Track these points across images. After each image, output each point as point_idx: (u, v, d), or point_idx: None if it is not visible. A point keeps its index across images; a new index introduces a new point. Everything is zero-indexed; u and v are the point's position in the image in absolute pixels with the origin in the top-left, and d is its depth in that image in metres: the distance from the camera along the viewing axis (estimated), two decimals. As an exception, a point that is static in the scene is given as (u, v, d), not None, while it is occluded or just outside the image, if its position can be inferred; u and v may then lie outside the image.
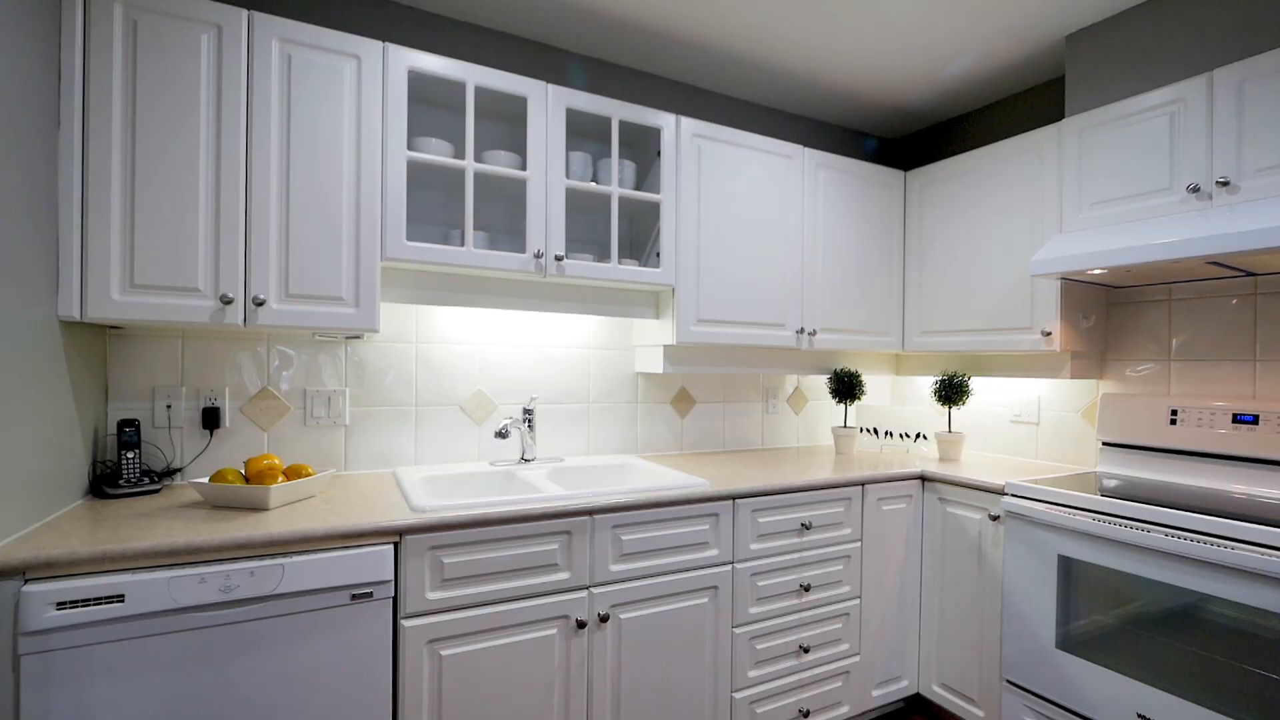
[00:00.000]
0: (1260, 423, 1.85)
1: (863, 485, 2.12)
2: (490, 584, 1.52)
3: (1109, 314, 2.29)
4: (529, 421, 2.12)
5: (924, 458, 2.50)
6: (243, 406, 1.84)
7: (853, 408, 2.96)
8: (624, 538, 1.68)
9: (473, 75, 1.82)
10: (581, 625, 1.60)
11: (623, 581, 1.69)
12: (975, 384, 2.74)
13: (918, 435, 2.64)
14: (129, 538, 1.22)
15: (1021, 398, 2.55)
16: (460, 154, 2.03)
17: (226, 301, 1.51)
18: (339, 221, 1.65)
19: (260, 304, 1.55)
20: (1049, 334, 2.14)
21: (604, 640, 1.66)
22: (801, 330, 2.40)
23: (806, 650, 1.99)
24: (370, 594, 1.37)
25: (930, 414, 2.62)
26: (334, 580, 1.33)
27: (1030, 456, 2.52)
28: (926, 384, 2.97)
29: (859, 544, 2.11)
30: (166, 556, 1.21)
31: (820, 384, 2.93)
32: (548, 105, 1.92)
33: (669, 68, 2.44)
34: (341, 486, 1.76)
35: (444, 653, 1.46)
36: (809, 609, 2.00)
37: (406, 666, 1.43)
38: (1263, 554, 1.43)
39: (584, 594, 1.63)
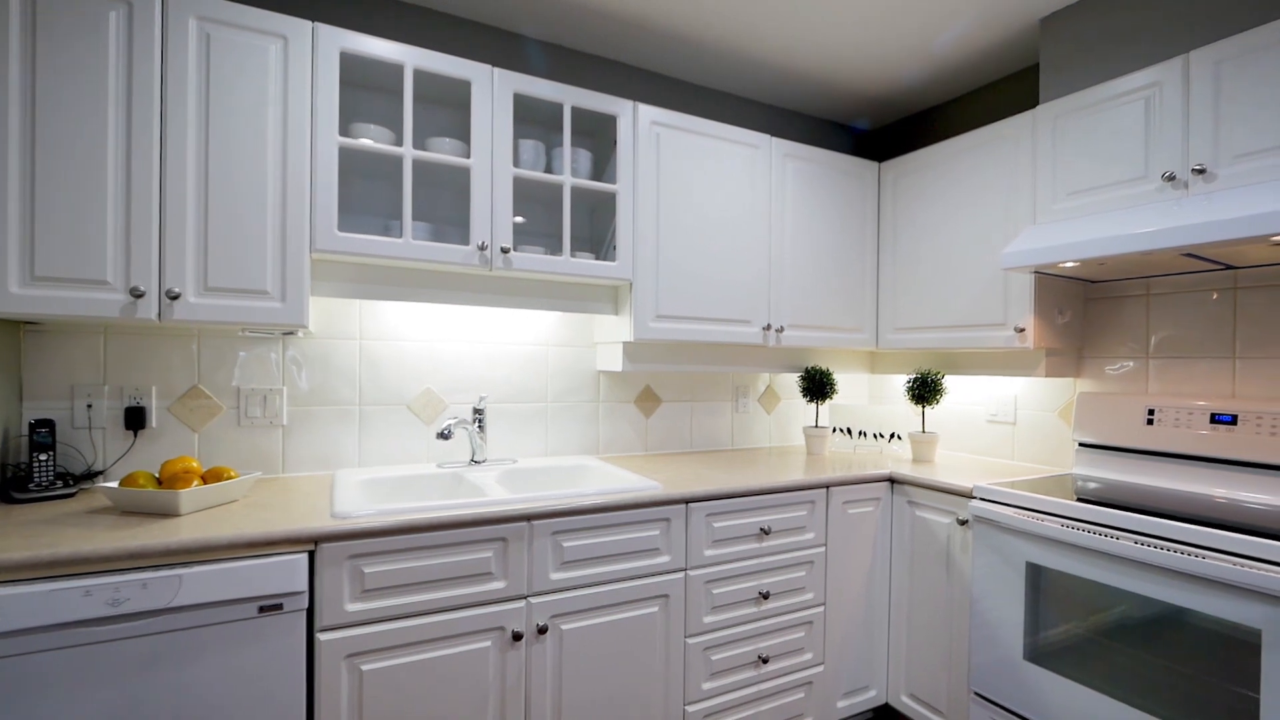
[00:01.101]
0: (1239, 423, 1.76)
1: (827, 488, 2.03)
2: (416, 594, 1.43)
3: (1086, 309, 2.20)
4: (479, 422, 2.04)
5: (897, 459, 2.41)
6: (170, 406, 1.75)
7: (826, 407, 2.88)
8: (565, 544, 1.60)
9: (411, 58, 1.73)
10: (518, 637, 1.52)
11: (564, 591, 1.60)
12: (951, 383, 2.65)
13: (892, 435, 2.55)
14: (7, 547, 1.14)
15: (998, 396, 2.46)
16: (401, 141, 1.94)
17: (138, 295, 1.43)
18: (263, 211, 1.56)
19: (175, 297, 1.46)
20: (1022, 330, 2.05)
21: (543, 653, 1.57)
22: (769, 327, 2.31)
23: (765, 661, 1.90)
24: (280, 606, 1.29)
25: (907, 414, 2.53)
26: (239, 592, 1.25)
27: (1007, 458, 2.43)
28: (902, 382, 2.88)
29: (823, 549, 2.03)
30: (48, 568, 1.12)
31: (793, 383, 2.84)
32: (493, 90, 1.83)
33: (629, 53, 2.35)
34: (272, 490, 1.67)
35: (365, 668, 1.38)
36: (769, 617, 1.92)
37: (323, 683, 1.34)
38: (1235, 564, 1.34)
39: (521, 604, 1.55)
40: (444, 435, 1.84)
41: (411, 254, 1.73)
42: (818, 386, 2.50)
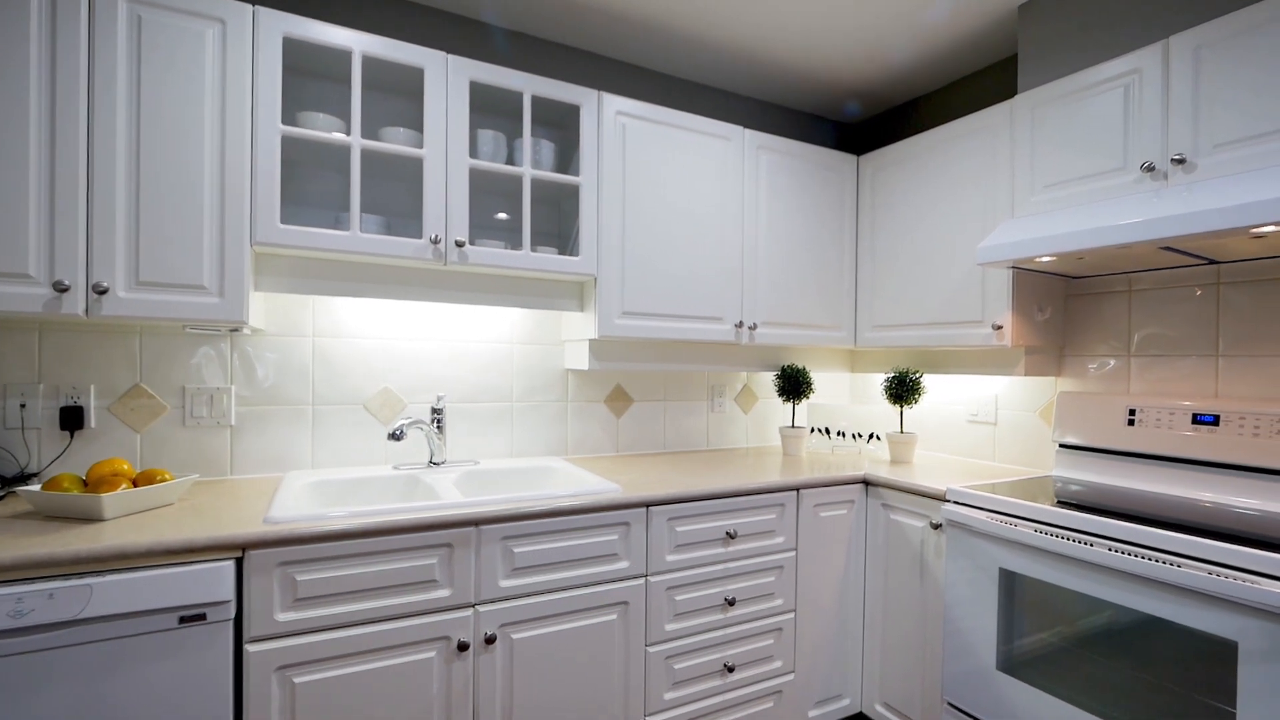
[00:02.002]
0: (1221, 424, 1.69)
1: (797, 490, 1.96)
2: (354, 603, 1.37)
3: (1067, 306, 2.13)
4: (438, 422, 1.97)
5: (875, 460, 2.34)
6: (111, 405, 1.69)
7: (803, 406, 2.81)
8: (516, 550, 1.53)
9: (359, 44, 1.67)
10: (464, 647, 1.45)
11: (515, 598, 1.54)
12: (931, 382, 2.58)
13: (871, 436, 2.48)
14: (-97, 556, 1.08)
15: (979, 396, 2.40)
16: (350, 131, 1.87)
17: (61, 289, 1.36)
18: (200, 202, 1.49)
19: (103, 292, 1.40)
20: (1000, 328, 1.98)
21: (491, 663, 1.51)
22: (741, 324, 2.24)
23: (732, 669, 1.83)
24: (203, 616, 1.22)
25: (887, 414, 2.47)
26: (157, 602, 1.18)
27: (988, 459, 2.36)
28: (882, 381, 2.81)
29: (793, 553, 1.96)
30: (-56, 578, 1.06)
31: (770, 382, 2.77)
32: (448, 77, 1.77)
33: (596, 42, 2.28)
34: (213, 493, 1.61)
35: (297, 680, 1.31)
36: (735, 624, 1.85)
37: (252, 696, 1.28)
38: (1210, 573, 1.27)
39: (468, 613, 1.48)
40: (396, 436, 1.77)
41: (360, 247, 1.66)
42: (794, 386, 2.43)
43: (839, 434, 2.54)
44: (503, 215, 2.15)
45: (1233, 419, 1.68)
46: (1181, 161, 1.56)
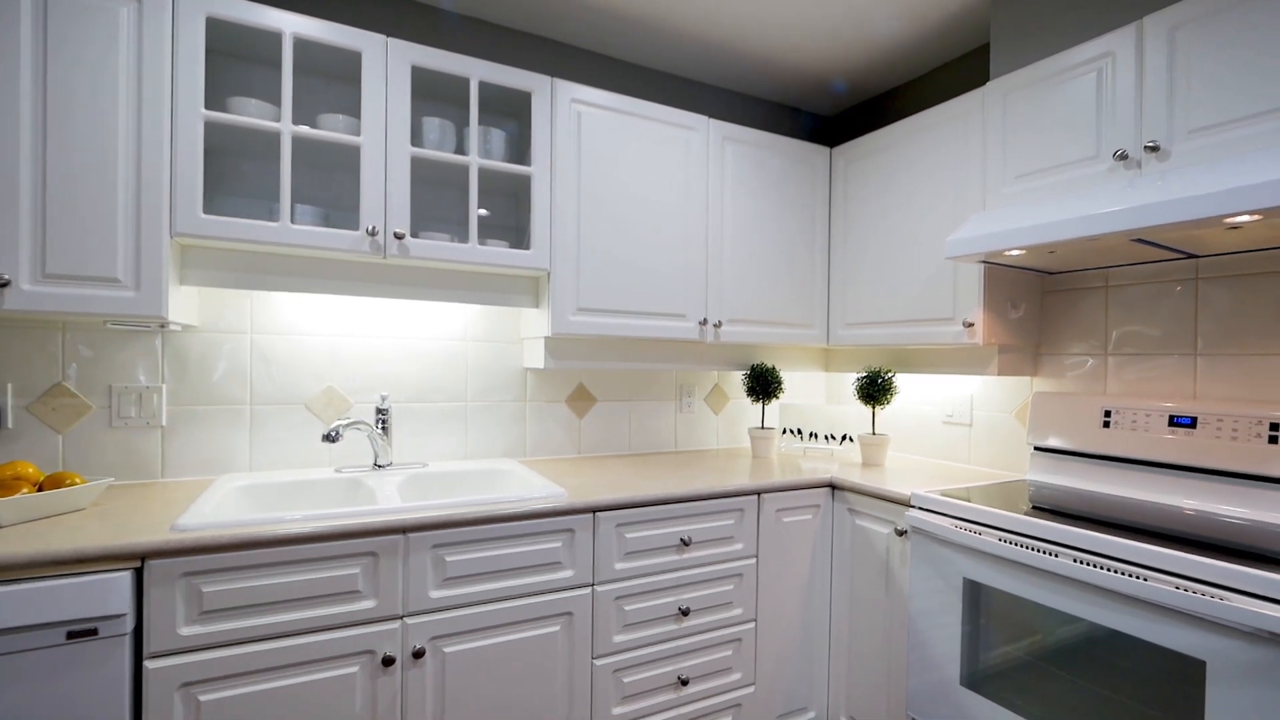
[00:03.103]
0: (1199, 426, 1.61)
1: (758, 495, 1.88)
2: (267, 616, 1.29)
3: (1044, 303, 2.05)
4: (383, 423, 1.89)
5: (847, 462, 2.26)
6: (30, 405, 1.61)
7: (776, 407, 2.72)
8: (448, 559, 1.45)
9: (290, 25, 1.58)
10: (389, 662, 1.37)
11: (447, 610, 1.46)
12: (906, 381, 2.50)
13: (844, 437, 2.40)
14: None
15: (954, 396, 2.31)
16: (283, 116, 1.80)
17: (-42, 282, 1.28)
18: (113, 191, 1.41)
19: (4, 285, 1.32)
20: (971, 325, 1.90)
21: (421, 679, 1.43)
22: (705, 322, 2.16)
23: (686, 682, 1.75)
24: (94, 631, 1.14)
25: (861, 414, 2.38)
26: (40, 616, 1.10)
27: (963, 461, 2.28)
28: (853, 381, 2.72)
29: (754, 561, 1.88)
30: None
31: (742, 381, 2.68)
32: (387, 61, 1.68)
33: (554, 28, 2.19)
34: (131, 498, 1.53)
35: (203, 698, 1.23)
36: (689, 635, 1.77)
37: (152, 716, 1.20)
38: (1179, 588, 1.18)
39: (395, 625, 1.40)
40: (331, 438, 1.69)
41: (291, 239, 1.58)
42: (763, 385, 2.35)
43: (811, 435, 2.46)
44: (484, 211, 2.07)
45: (1210, 421, 1.59)
46: (1155, 149, 1.48)
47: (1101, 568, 1.30)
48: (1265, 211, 1.18)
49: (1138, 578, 1.25)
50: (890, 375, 2.21)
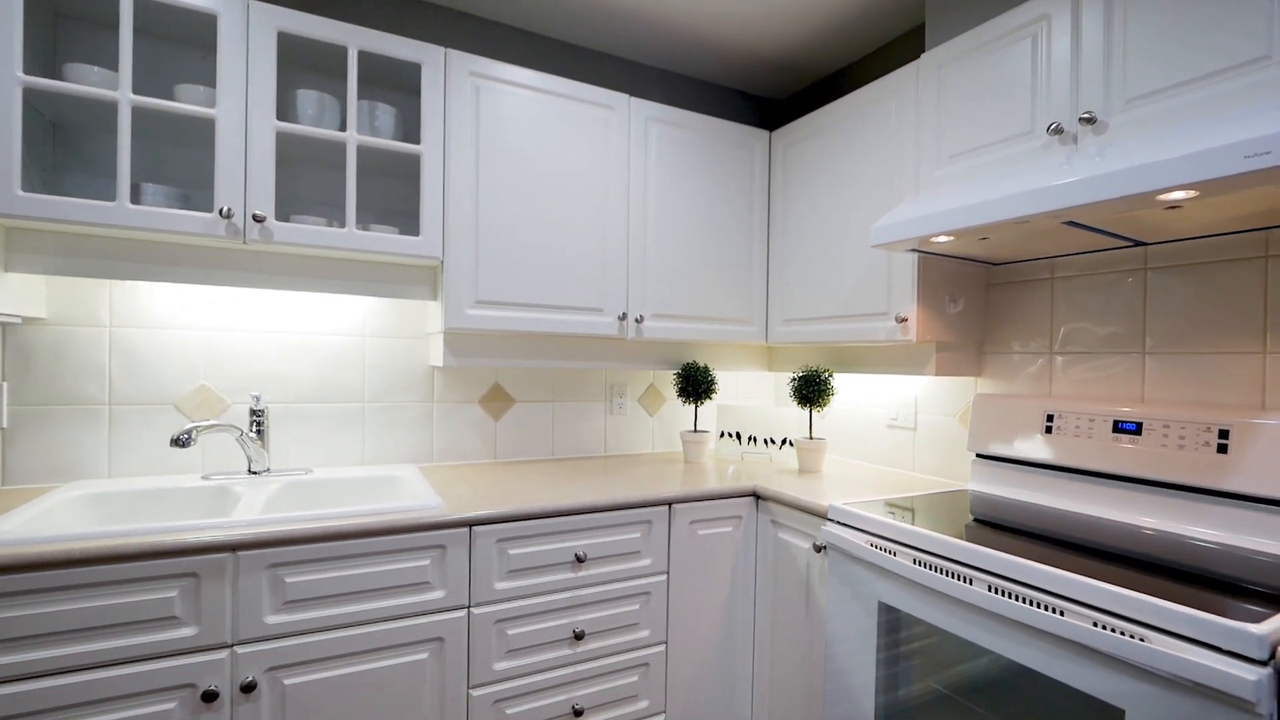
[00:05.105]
0: (1144, 433, 1.44)
1: (669, 505, 1.71)
2: (62, 646, 1.13)
3: (987, 297, 1.88)
4: (258, 426, 1.73)
5: (784, 469, 2.09)
6: None
7: (713, 408, 2.56)
8: (288, 580, 1.29)
9: (129, -18, 1.42)
10: (211, 697, 1.21)
11: (287, 637, 1.29)
12: (849, 382, 2.33)
13: (784, 441, 2.23)
14: None
15: (900, 398, 2.14)
16: (135, 86, 1.64)
17: None
18: (-90, 164, 1.25)
19: None
20: (904, 320, 1.73)
21: (255, 714, 1.26)
22: (625, 316, 1.99)
23: (580, 713, 1.59)
24: None
25: (803, 417, 2.22)
26: None
27: (907, 468, 2.11)
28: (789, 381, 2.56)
29: (664, 578, 1.71)
30: None
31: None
32: (248, 26, 1.52)
33: None
34: (-53, 509, 1.37)
35: (-25, 744, 1.08)
36: (586, 660, 1.61)
37: (-91, 765, 1.04)
38: (1095, 624, 1.02)
39: (223, 655, 1.24)
40: (180, 442, 1.53)
41: (129, 221, 1.42)
42: (694, 386, 2.18)
43: (750, 440, 2.29)
44: (353, 193, 1.91)
45: (1156, 427, 1.42)
46: (1091, 121, 1.31)
47: (1017, 597, 1.14)
48: (1196, 186, 1.01)
49: (1055, 610, 1.08)
50: (828, 375, 2.05)
